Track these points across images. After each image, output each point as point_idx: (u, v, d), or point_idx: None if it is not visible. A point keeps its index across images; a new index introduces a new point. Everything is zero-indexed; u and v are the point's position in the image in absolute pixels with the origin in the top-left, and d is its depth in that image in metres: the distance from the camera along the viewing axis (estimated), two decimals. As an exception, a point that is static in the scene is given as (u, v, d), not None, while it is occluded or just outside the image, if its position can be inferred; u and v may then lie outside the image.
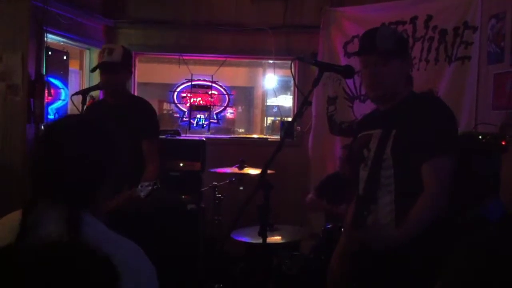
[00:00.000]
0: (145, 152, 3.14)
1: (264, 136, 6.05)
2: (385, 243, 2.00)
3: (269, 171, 2.05)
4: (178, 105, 5.54)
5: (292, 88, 5.84)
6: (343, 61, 4.62)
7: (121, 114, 3.01)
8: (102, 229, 1.26)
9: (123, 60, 3.17)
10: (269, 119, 8.32)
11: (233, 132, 6.55)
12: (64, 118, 1.54)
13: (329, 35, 4.82)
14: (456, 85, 3.88)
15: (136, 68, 5.22)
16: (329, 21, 4.82)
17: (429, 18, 4.11)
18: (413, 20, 4.20)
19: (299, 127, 5.05)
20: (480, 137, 2.58)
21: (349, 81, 4.66)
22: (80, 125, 1.36)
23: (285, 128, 5.17)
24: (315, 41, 4.89)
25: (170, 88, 5.57)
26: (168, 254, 3.09)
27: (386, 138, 2.05)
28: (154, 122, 3.30)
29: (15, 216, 1.23)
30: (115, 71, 3.15)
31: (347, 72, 2.21)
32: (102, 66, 3.16)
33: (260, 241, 2.14)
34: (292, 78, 4.97)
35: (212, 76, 5.39)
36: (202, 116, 5.48)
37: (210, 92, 5.46)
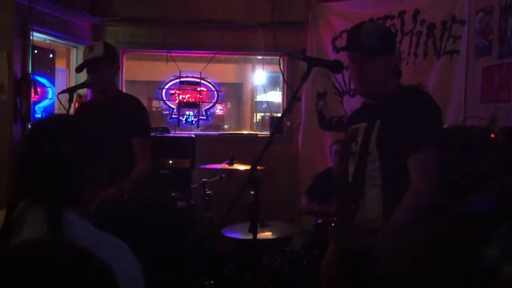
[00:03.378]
0: (135, 150, 3.11)
1: (254, 132, 6.03)
2: (371, 246, 1.95)
3: (258, 167, 2.04)
4: (167, 102, 5.51)
5: (281, 84, 5.83)
6: (331, 56, 4.61)
7: (110, 111, 3.00)
8: (87, 226, 1.25)
9: (105, 53, 3.12)
10: (259, 115, 8.32)
11: (223, 129, 6.53)
12: (50, 117, 1.51)
13: (317, 31, 4.81)
14: (444, 79, 3.89)
15: (124, 65, 5.18)
16: (317, 17, 4.81)
17: (417, 12, 4.12)
18: (401, 14, 4.20)
19: (288, 123, 5.04)
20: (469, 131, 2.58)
21: (338, 76, 4.65)
22: (65, 124, 1.34)
23: (275, 124, 5.15)
24: (303, 36, 4.87)
25: (158, 85, 5.53)
26: (157, 251, 3.08)
27: (371, 130, 2.05)
28: (143, 119, 3.26)
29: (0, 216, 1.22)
30: (99, 66, 3.11)
31: (336, 66, 2.21)
32: (86, 64, 3.14)
33: (251, 237, 2.13)
34: (281, 74, 4.96)
35: (200, 72, 5.36)
36: (191, 113, 5.45)
37: (199, 89, 5.43)
